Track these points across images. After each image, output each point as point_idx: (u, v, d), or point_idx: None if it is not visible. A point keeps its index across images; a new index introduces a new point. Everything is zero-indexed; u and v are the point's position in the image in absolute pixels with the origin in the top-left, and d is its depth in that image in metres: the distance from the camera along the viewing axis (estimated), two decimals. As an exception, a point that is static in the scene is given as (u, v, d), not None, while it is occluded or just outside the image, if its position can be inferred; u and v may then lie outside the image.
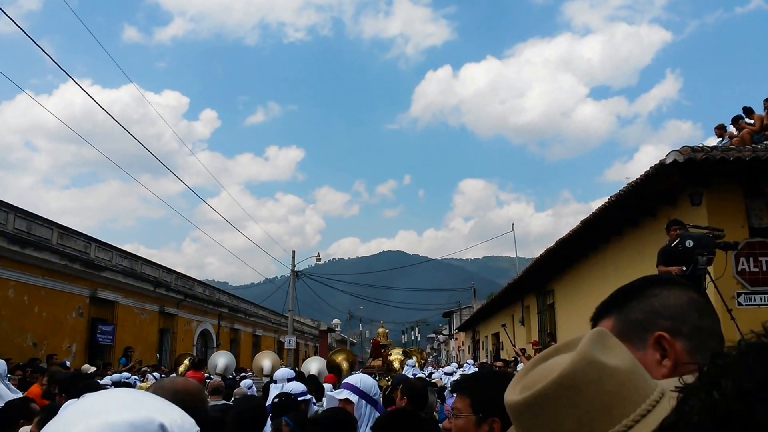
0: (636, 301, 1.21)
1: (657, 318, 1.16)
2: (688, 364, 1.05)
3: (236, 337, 33.42)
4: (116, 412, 1.09)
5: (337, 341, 65.13)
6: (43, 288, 16.57)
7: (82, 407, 1.13)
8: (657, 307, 1.18)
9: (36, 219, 16.87)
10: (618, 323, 1.20)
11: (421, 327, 75.74)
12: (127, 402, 1.15)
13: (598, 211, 12.25)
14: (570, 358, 0.93)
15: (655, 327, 1.15)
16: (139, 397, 1.20)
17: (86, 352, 18.35)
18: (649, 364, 1.11)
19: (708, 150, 9.27)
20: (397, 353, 16.79)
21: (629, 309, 1.20)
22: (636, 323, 1.18)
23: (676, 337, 1.14)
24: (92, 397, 1.18)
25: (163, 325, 24.32)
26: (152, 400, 1.19)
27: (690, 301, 1.19)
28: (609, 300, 1.27)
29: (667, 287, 1.21)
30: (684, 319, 1.16)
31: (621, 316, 1.21)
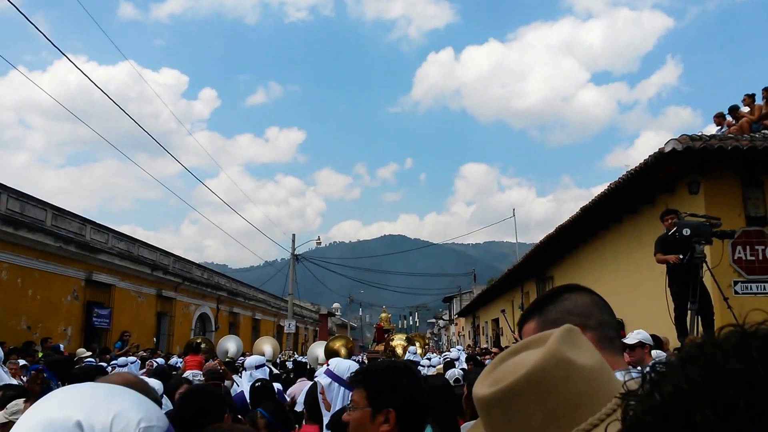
0: (552, 305, 1.46)
1: (569, 316, 1.40)
2: (599, 350, 1.26)
3: (235, 321, 33.46)
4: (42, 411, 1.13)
5: (337, 325, 65.38)
6: (37, 270, 16.50)
7: (38, 404, 1.18)
8: (568, 307, 1.44)
9: (30, 200, 16.75)
10: (539, 325, 1.44)
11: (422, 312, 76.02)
12: (65, 400, 1.18)
13: (597, 198, 12.25)
14: (539, 354, 0.95)
15: (569, 323, 1.32)
16: (89, 394, 1.22)
17: (81, 335, 18.33)
18: None
19: (706, 139, 9.25)
20: (400, 339, 16.79)
21: (547, 312, 1.45)
22: (553, 322, 1.39)
23: (585, 330, 1.32)
24: (54, 393, 1.23)
25: (161, 309, 24.31)
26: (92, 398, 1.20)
27: (593, 301, 1.47)
28: (531, 306, 1.51)
29: (575, 292, 1.48)
30: (590, 315, 1.43)
31: (541, 318, 1.45)
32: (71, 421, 1.11)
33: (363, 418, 1.98)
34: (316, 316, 55.54)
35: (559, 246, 16.54)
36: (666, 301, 7.87)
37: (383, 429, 1.95)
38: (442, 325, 70.82)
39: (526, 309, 1.54)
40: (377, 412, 1.96)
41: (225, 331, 29.82)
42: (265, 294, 39.88)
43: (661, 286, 8.08)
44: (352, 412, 2.03)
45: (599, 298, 1.50)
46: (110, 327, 19.50)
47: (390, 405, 1.96)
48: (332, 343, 12.98)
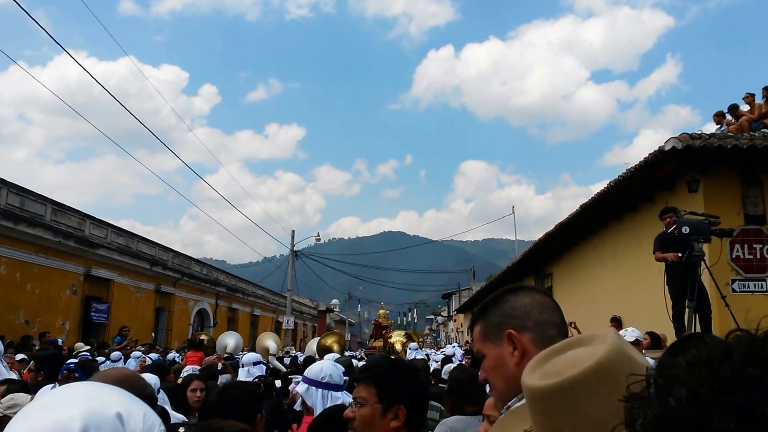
0: (493, 309, 1.52)
1: (508, 319, 1.47)
2: (535, 351, 1.33)
3: (234, 316, 33.46)
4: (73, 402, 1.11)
5: (335, 322, 65.41)
6: (36, 265, 16.49)
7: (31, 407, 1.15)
8: (508, 310, 1.49)
9: (29, 194, 16.73)
10: (482, 327, 1.52)
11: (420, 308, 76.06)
12: (97, 394, 1.17)
13: (597, 196, 12.25)
14: (605, 348, 0.97)
15: (507, 326, 1.46)
16: (113, 391, 1.22)
17: (80, 330, 18.32)
18: (505, 356, 1.44)
19: (706, 137, 9.25)
20: (399, 335, 16.84)
21: (489, 315, 1.52)
22: (494, 325, 1.49)
23: (523, 332, 1.44)
24: (75, 387, 1.22)
25: (159, 304, 24.30)
26: (119, 394, 1.20)
27: (532, 301, 1.49)
28: (477, 311, 1.57)
29: (515, 294, 1.52)
30: (527, 316, 1.46)
31: (484, 321, 1.53)
32: (111, 412, 1.11)
33: (373, 414, 1.99)
34: (314, 313, 55.58)
35: (559, 243, 16.55)
36: (664, 298, 7.89)
37: (393, 425, 1.96)
38: (440, 321, 70.86)
39: (474, 314, 1.59)
40: (388, 409, 1.98)
41: (224, 327, 29.82)
42: (264, 290, 39.87)
43: (659, 284, 8.09)
44: (359, 409, 2.02)
45: (543, 297, 1.52)
46: (108, 322, 19.48)
47: (401, 401, 1.98)
48: (324, 340, 13.02)
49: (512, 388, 1.41)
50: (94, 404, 1.11)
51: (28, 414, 1.12)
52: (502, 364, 1.44)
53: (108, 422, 1.10)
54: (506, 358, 1.43)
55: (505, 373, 1.44)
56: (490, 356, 1.48)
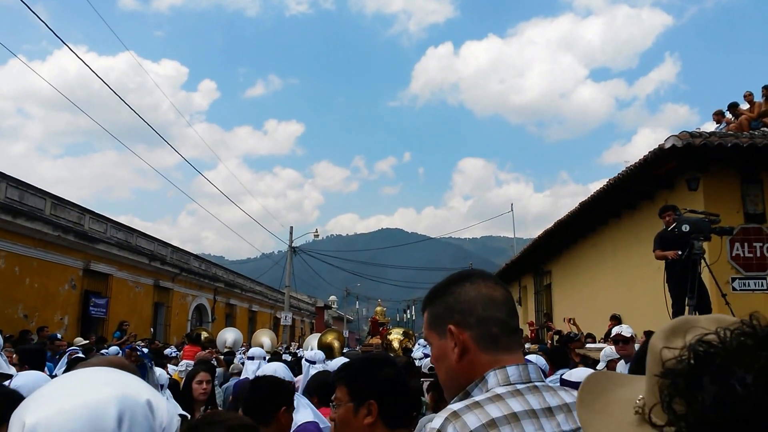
0: (439, 299, 1.48)
1: (451, 312, 1.43)
2: (475, 349, 1.38)
3: (232, 312, 33.46)
4: (103, 385, 1.09)
5: (333, 318, 65.41)
6: (35, 259, 16.47)
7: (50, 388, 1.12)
8: (451, 302, 1.44)
9: (29, 188, 16.70)
10: (429, 316, 1.49)
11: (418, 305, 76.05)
12: (126, 380, 1.15)
13: (596, 194, 12.27)
14: None
15: (450, 320, 1.42)
16: (107, 377, 1.17)
17: (78, 324, 18.31)
18: (447, 350, 1.41)
19: (706, 135, 9.27)
20: (397, 333, 16.91)
21: (435, 305, 1.48)
22: (438, 316, 1.46)
23: (464, 327, 1.40)
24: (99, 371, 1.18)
25: (158, 299, 24.30)
26: (141, 382, 1.18)
27: (477, 295, 1.43)
28: (426, 296, 1.54)
29: (461, 284, 1.46)
30: (471, 312, 1.41)
31: (431, 310, 1.49)
32: (142, 399, 1.09)
33: (346, 413, 1.99)
34: (312, 309, 55.59)
35: (557, 241, 16.57)
36: (664, 296, 7.91)
37: (367, 421, 1.95)
38: (438, 319, 70.78)
39: (424, 298, 1.55)
40: (360, 406, 1.97)
41: (221, 323, 29.82)
42: (262, 286, 39.87)
43: (659, 282, 8.11)
44: (336, 410, 2.04)
45: (491, 290, 1.45)
46: (107, 317, 19.49)
47: (371, 396, 1.96)
48: (325, 336, 13.15)
49: (453, 382, 1.42)
50: (127, 389, 1.09)
51: (52, 395, 1.07)
52: (444, 357, 1.43)
53: (140, 409, 1.07)
54: (448, 353, 1.41)
55: (447, 366, 1.43)
56: (435, 347, 1.47)
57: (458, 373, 1.40)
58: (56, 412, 1.02)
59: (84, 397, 1.05)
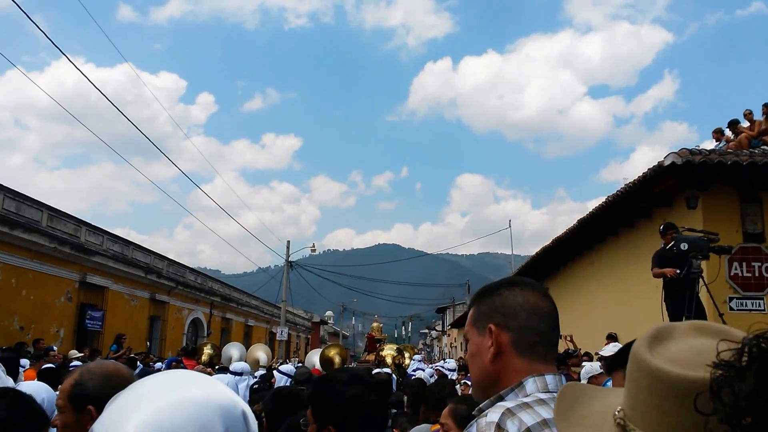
0: (486, 298, 1.53)
1: (495, 313, 1.47)
2: (512, 353, 1.42)
3: (228, 326, 33.29)
4: (197, 389, 1.06)
5: (329, 334, 65.11)
6: (31, 271, 16.39)
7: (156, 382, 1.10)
8: (497, 304, 1.49)
9: (25, 200, 16.67)
10: (474, 313, 1.54)
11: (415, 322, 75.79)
12: (208, 381, 1.13)
13: (594, 211, 12.27)
14: None
15: (492, 319, 1.47)
16: (210, 378, 1.17)
17: (74, 337, 18.19)
18: (483, 348, 1.46)
19: (706, 153, 9.27)
20: (390, 349, 16.86)
21: (482, 303, 1.53)
22: (482, 314, 1.51)
23: (504, 329, 1.44)
24: (167, 374, 1.16)
25: (154, 313, 24.17)
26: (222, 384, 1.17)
27: (524, 302, 1.47)
28: (475, 294, 1.60)
29: (510, 289, 1.50)
30: (514, 316, 1.45)
31: (477, 307, 1.55)
32: (238, 409, 1.07)
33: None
34: (308, 324, 55.33)
35: (555, 258, 16.56)
36: (662, 315, 7.88)
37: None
38: (434, 335, 70.64)
39: (475, 293, 1.61)
40: (321, 429, 1.90)
41: (217, 337, 29.67)
42: (258, 300, 39.71)
43: (656, 301, 8.08)
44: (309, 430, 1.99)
45: (538, 300, 1.48)
46: (103, 330, 19.37)
47: (330, 422, 1.87)
48: (327, 351, 13.21)
49: (483, 380, 1.47)
50: (221, 399, 1.06)
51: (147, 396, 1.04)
52: (480, 354, 1.47)
53: (238, 420, 1.07)
54: (483, 351, 1.46)
55: (480, 363, 1.47)
56: (472, 343, 1.51)
57: (490, 372, 1.44)
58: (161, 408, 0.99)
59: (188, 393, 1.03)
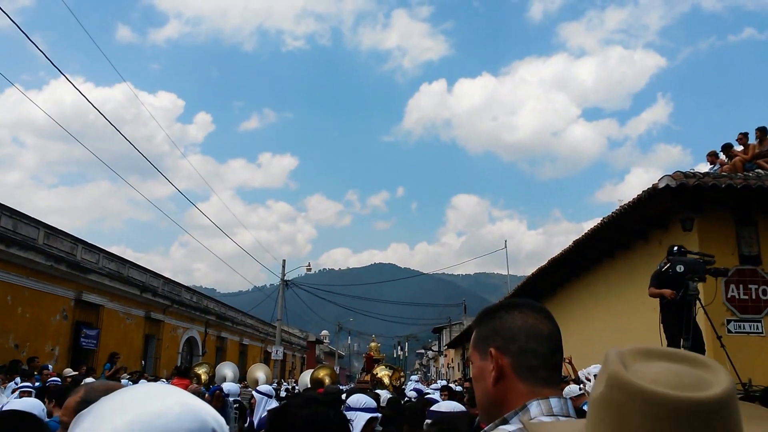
0: (486, 320, 1.52)
1: (495, 336, 1.46)
2: (513, 376, 1.41)
3: (222, 345, 33.11)
4: (167, 405, 1.02)
5: (325, 353, 64.78)
6: (27, 288, 16.33)
7: (126, 396, 1.06)
8: (497, 326, 1.48)
9: (22, 218, 16.66)
10: (476, 335, 1.53)
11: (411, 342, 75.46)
12: (176, 396, 1.07)
13: (590, 232, 12.28)
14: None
15: (493, 343, 1.46)
16: (184, 393, 1.12)
17: (69, 355, 18.07)
18: (486, 371, 1.45)
19: (700, 176, 9.33)
20: (382, 369, 16.91)
21: (482, 326, 1.52)
22: (483, 338, 1.50)
23: (504, 353, 1.44)
24: (142, 387, 1.12)
25: (149, 331, 24.05)
26: (196, 400, 1.11)
27: (523, 325, 1.46)
28: (476, 317, 1.59)
29: (510, 311, 1.49)
30: (513, 340, 1.44)
31: (478, 330, 1.53)
32: (208, 427, 1.03)
33: None
34: (304, 343, 55.06)
35: (552, 279, 16.55)
36: (659, 337, 7.89)
37: None
38: (431, 356, 70.26)
39: (477, 316, 1.60)
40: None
41: (212, 356, 29.49)
42: (253, 319, 39.54)
43: (653, 322, 8.09)
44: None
45: (537, 323, 1.47)
46: (98, 348, 19.25)
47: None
48: (317, 372, 13.19)
49: (487, 403, 1.47)
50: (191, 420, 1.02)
51: (129, 403, 1.02)
52: (482, 378, 1.47)
53: None
54: (486, 374, 1.45)
55: (483, 387, 1.47)
56: (475, 366, 1.51)
57: (493, 396, 1.44)
58: (153, 413, 0.98)
59: (183, 400, 1.02)
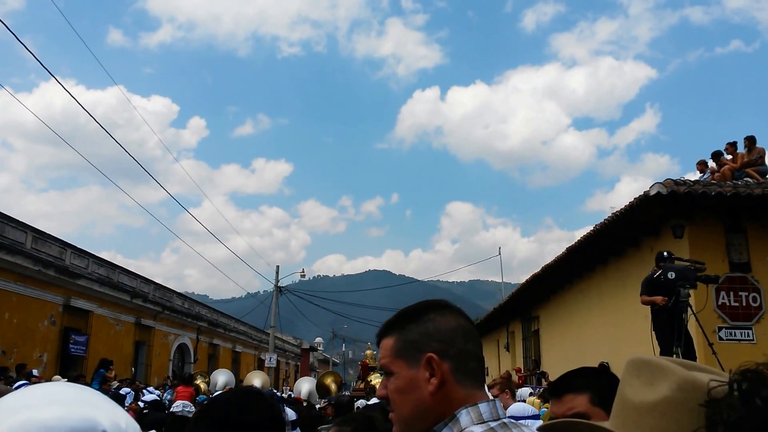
0: (414, 324, 1.36)
1: (429, 341, 1.32)
2: (453, 383, 1.28)
3: (215, 352, 32.90)
4: (52, 409, 0.93)
5: (319, 361, 64.51)
6: (14, 294, 16.17)
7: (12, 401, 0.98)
8: (431, 330, 1.33)
9: (10, 221, 16.51)
10: (398, 342, 1.35)
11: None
12: (67, 398, 0.99)
13: (583, 239, 12.31)
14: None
15: (428, 348, 1.31)
16: (81, 394, 1.03)
17: (57, 362, 17.91)
18: (419, 380, 1.30)
19: (690, 184, 9.39)
20: (377, 378, 16.94)
21: (408, 330, 1.35)
22: (412, 343, 1.33)
23: (444, 358, 1.30)
24: (31, 390, 1.02)
25: (139, 338, 23.86)
26: (95, 399, 1.03)
27: (458, 326, 1.35)
28: (392, 320, 1.41)
29: (441, 313, 1.37)
30: (452, 342, 1.32)
31: (401, 335, 1.36)
32: (97, 429, 0.94)
33: None
34: (297, 351, 54.80)
35: (545, 286, 16.55)
36: (651, 344, 7.86)
37: None
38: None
39: (387, 322, 1.43)
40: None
41: (204, 363, 29.30)
42: (246, 326, 39.36)
43: (645, 329, 8.08)
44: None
45: (466, 322, 1.38)
46: (87, 355, 19.07)
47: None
48: (323, 378, 13.39)
49: (421, 417, 1.30)
50: (73, 421, 0.94)
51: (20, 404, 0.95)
52: (415, 389, 1.30)
53: None
54: (420, 384, 1.29)
55: (416, 399, 1.30)
56: (401, 377, 1.33)
57: (430, 407, 1.29)
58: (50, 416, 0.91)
59: (40, 414, 0.92)
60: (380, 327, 1.45)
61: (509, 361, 22.20)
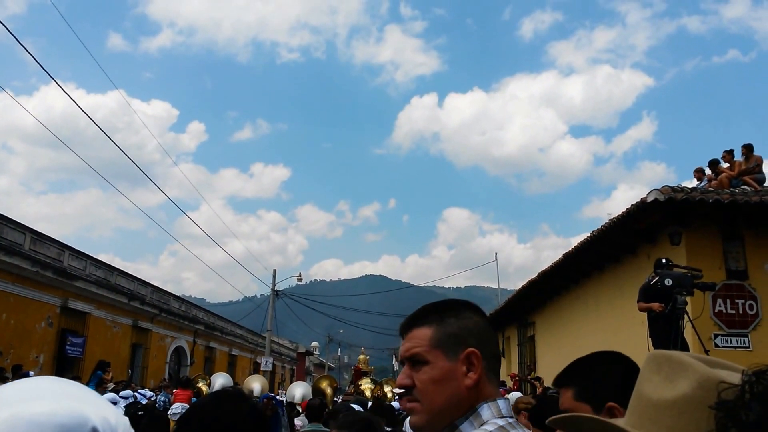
0: (454, 318, 1.40)
1: (469, 336, 1.37)
2: (486, 380, 1.35)
3: (211, 355, 32.83)
4: (41, 404, 0.92)
5: (315, 365, 64.40)
6: (12, 295, 16.14)
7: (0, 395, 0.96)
8: (470, 327, 1.39)
9: (8, 222, 16.49)
10: (438, 333, 1.38)
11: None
12: (56, 393, 0.98)
13: (579, 246, 12.33)
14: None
15: (468, 343, 1.36)
16: (69, 389, 1.02)
17: (54, 364, 17.85)
18: (457, 373, 1.34)
19: (688, 191, 9.42)
20: (367, 383, 17.09)
21: (448, 323, 1.39)
22: (453, 336, 1.37)
23: (483, 356, 1.36)
24: (18, 384, 1.01)
25: (136, 340, 23.81)
26: (83, 393, 1.02)
27: (487, 327, 1.43)
28: (426, 311, 1.44)
29: (475, 312, 1.44)
30: (487, 342, 1.39)
31: (441, 327, 1.39)
32: (87, 427, 0.93)
33: None
34: (293, 355, 54.68)
35: (541, 292, 16.57)
36: (648, 350, 7.88)
37: None
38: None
39: (419, 312, 1.45)
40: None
41: (200, 366, 29.23)
42: (242, 329, 39.28)
43: (642, 336, 8.10)
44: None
45: (489, 325, 1.47)
46: (84, 357, 19.04)
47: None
48: (319, 382, 13.44)
49: (452, 408, 1.33)
50: (61, 417, 0.92)
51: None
52: (451, 381, 1.33)
53: None
54: (458, 377, 1.33)
55: (452, 391, 1.33)
56: (438, 367, 1.34)
57: (464, 400, 1.33)
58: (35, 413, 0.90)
59: (29, 409, 0.91)
60: (410, 316, 1.46)
61: (505, 367, 22.22)
